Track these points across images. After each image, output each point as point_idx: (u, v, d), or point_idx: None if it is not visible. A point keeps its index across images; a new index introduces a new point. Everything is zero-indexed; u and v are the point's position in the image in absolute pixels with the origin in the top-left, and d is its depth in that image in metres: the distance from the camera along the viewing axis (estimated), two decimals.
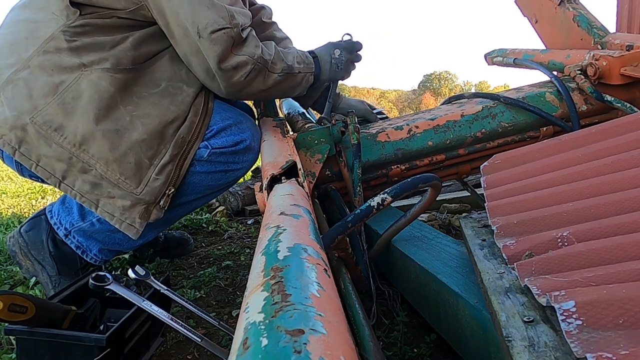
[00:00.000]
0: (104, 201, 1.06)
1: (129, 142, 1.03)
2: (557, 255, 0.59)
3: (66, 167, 1.03)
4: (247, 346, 0.26)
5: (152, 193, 1.05)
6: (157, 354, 1.01)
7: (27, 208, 2.58)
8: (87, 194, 1.05)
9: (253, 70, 1.10)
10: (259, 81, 1.13)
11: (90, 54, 1.04)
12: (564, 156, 0.86)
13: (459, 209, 1.83)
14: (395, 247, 1.06)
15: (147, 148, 1.05)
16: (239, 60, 1.07)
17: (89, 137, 1.02)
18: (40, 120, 1.01)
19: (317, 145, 1.20)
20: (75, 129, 1.01)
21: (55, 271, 1.18)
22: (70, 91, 1.02)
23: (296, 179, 0.79)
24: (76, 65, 1.03)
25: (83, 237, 1.17)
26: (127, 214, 1.06)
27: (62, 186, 1.05)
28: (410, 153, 1.32)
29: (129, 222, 1.06)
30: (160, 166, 1.06)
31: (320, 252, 0.42)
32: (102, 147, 1.02)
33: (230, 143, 1.14)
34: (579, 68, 1.42)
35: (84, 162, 1.03)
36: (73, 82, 1.02)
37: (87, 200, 1.06)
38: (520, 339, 0.49)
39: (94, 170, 1.03)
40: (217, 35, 1.03)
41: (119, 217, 1.06)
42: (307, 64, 1.25)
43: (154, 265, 1.53)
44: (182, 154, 1.09)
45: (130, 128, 1.04)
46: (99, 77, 1.03)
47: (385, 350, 0.96)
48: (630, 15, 3.82)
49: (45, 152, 1.02)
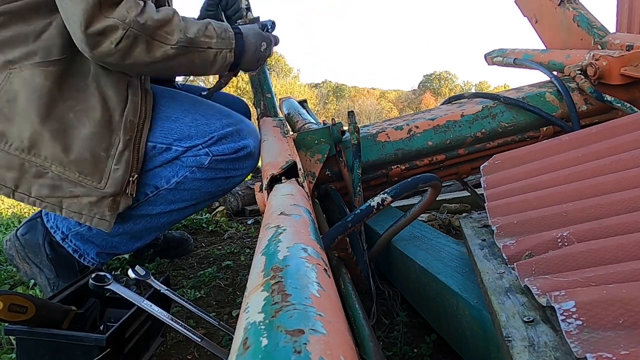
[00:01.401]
0: (68, 202, 1.02)
1: (80, 139, 0.99)
2: (557, 255, 0.59)
3: (18, 175, 0.99)
4: (247, 346, 0.26)
5: (116, 184, 1.02)
6: (157, 354, 1.01)
7: (27, 208, 2.58)
8: (47, 198, 1.01)
9: (126, 37, 0.93)
10: (140, 51, 0.96)
11: (14, 49, 0.98)
12: (564, 156, 0.86)
13: (459, 209, 1.83)
14: (395, 247, 1.06)
15: (99, 140, 1.01)
16: (107, 23, 0.91)
17: (37, 140, 0.97)
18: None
19: (317, 145, 1.20)
20: (20, 133, 0.97)
21: (54, 274, 1.17)
22: (3, 93, 0.97)
23: (296, 179, 0.79)
24: (1, 64, 0.97)
25: (80, 241, 1.16)
26: (96, 209, 1.03)
27: (17, 195, 1.01)
28: (410, 153, 1.32)
29: (99, 216, 1.03)
30: (117, 155, 1.02)
31: (320, 252, 0.42)
32: (54, 149, 0.98)
33: (231, 150, 1.12)
34: (579, 68, 1.42)
35: (37, 166, 0.98)
36: (3, 82, 0.97)
37: (48, 204, 1.02)
38: (520, 339, 0.49)
39: (50, 173, 0.99)
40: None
41: (88, 214, 1.03)
42: (223, 39, 1.06)
43: (154, 265, 1.53)
44: (135, 137, 1.04)
45: (77, 125, 0.99)
46: (32, 74, 0.97)
47: (385, 350, 0.96)
48: (630, 15, 3.82)
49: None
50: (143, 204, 1.13)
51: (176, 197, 1.14)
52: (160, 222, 1.18)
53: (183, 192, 1.13)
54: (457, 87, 54.82)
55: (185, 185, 1.12)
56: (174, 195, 1.13)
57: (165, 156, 1.09)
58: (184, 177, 1.11)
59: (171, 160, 1.10)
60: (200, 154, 1.10)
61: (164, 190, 1.12)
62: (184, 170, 1.11)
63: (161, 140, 1.08)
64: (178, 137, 1.09)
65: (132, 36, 0.94)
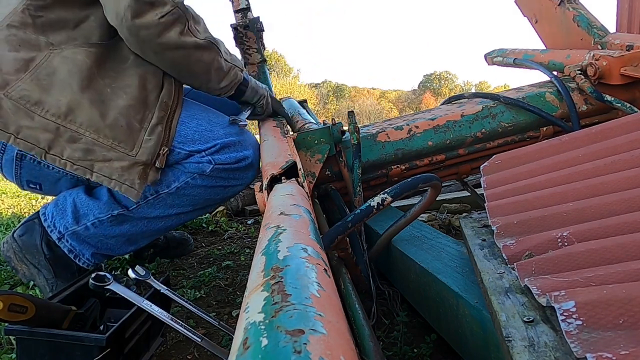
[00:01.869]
0: (100, 165, 1.03)
1: (117, 108, 1.03)
2: (557, 255, 0.59)
3: (52, 137, 1.00)
4: (247, 346, 0.26)
5: (147, 153, 1.04)
6: (157, 354, 1.01)
7: (27, 208, 2.58)
8: (79, 161, 1.02)
9: (171, 14, 1.00)
10: (175, 32, 1.02)
11: (56, 33, 1.03)
12: (564, 156, 0.86)
13: (459, 209, 1.83)
14: (395, 247, 1.06)
15: (134, 112, 1.04)
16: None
17: (74, 107, 1.00)
18: (16, 95, 0.98)
19: (317, 145, 1.20)
20: (57, 101, 0.99)
21: (52, 274, 1.17)
22: (43, 68, 1.00)
23: (296, 179, 0.79)
24: (44, 44, 1.02)
25: (76, 241, 1.16)
26: (126, 175, 1.03)
27: (49, 156, 1.01)
28: (410, 153, 1.32)
29: (129, 183, 1.03)
30: (151, 128, 1.05)
31: (320, 252, 0.42)
32: (92, 115, 1.01)
33: (232, 160, 1.14)
34: (579, 68, 1.42)
35: (72, 131, 1.00)
36: (44, 60, 1.01)
37: (79, 167, 1.02)
38: (520, 339, 0.49)
39: (83, 139, 1.01)
40: None
41: (118, 180, 1.03)
42: (236, 61, 1.19)
43: (154, 265, 1.53)
44: (168, 116, 1.09)
45: (114, 97, 1.04)
46: (73, 52, 1.02)
47: (385, 350, 0.96)
48: (630, 15, 3.82)
49: (27, 123, 0.99)
50: (142, 206, 1.14)
51: (175, 201, 1.15)
52: (156, 226, 1.19)
53: (182, 198, 1.15)
54: (457, 87, 54.83)
55: (185, 191, 1.13)
56: (173, 199, 1.14)
57: (169, 159, 1.10)
58: (184, 182, 1.12)
59: (173, 163, 1.11)
60: (203, 161, 1.11)
61: (164, 194, 1.13)
62: (185, 176, 1.12)
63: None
64: (181, 140, 1.10)
65: (176, 14, 1.01)
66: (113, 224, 1.15)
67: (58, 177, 1.15)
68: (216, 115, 1.19)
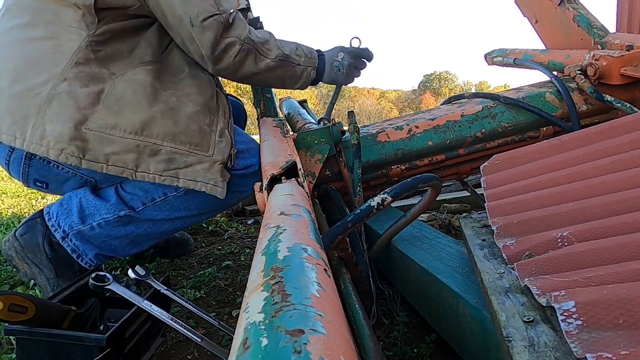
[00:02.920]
0: (184, 171, 1.09)
1: (186, 114, 1.10)
2: (557, 255, 0.59)
3: (136, 156, 1.07)
4: (247, 346, 0.26)
5: (222, 153, 1.11)
6: (157, 354, 1.01)
7: (27, 208, 2.58)
8: (165, 172, 1.09)
9: (241, 51, 1.14)
10: (249, 63, 1.17)
11: (115, 63, 1.11)
12: (564, 156, 0.86)
13: (459, 209, 1.83)
14: (395, 247, 1.06)
15: (203, 117, 1.13)
16: (228, 42, 1.13)
17: (148, 121, 1.07)
18: (95, 126, 1.05)
19: (317, 145, 1.20)
20: (131, 119, 1.06)
21: (53, 274, 1.17)
22: (112, 96, 1.08)
23: (296, 179, 0.79)
24: (107, 75, 1.10)
25: (80, 240, 1.17)
26: (209, 175, 1.10)
27: (139, 174, 1.08)
28: (410, 153, 1.32)
29: (213, 182, 1.10)
30: (219, 131, 1.13)
31: (320, 252, 0.42)
32: (165, 124, 1.08)
33: (242, 166, 1.17)
34: (579, 68, 1.42)
35: (151, 144, 1.07)
36: (110, 88, 1.09)
37: (167, 177, 1.09)
38: (520, 339, 0.49)
39: (163, 149, 1.08)
40: (208, 23, 1.09)
41: (203, 181, 1.10)
42: (309, 58, 1.27)
43: (154, 265, 1.53)
44: (229, 122, 1.17)
45: (181, 105, 1.11)
46: (133, 73, 1.10)
47: (385, 350, 0.96)
48: (630, 15, 3.82)
49: (112, 149, 1.05)
50: (149, 208, 1.16)
51: (182, 205, 1.17)
52: (161, 229, 1.20)
53: (189, 201, 1.17)
54: (457, 87, 54.85)
55: (193, 195, 1.15)
56: (180, 202, 1.16)
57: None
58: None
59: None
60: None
61: (172, 196, 1.15)
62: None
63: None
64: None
65: (245, 50, 1.15)
66: (119, 224, 1.16)
67: (66, 178, 1.16)
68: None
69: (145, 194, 1.15)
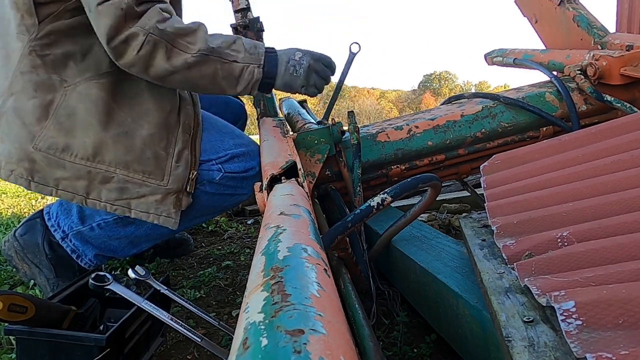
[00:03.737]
0: (136, 202, 1.07)
1: (141, 139, 1.04)
2: (557, 255, 0.59)
3: (87, 183, 1.04)
4: (247, 346, 0.26)
5: (178, 181, 1.07)
6: (157, 354, 1.01)
7: (27, 208, 2.58)
8: (117, 201, 1.06)
9: (146, 43, 0.96)
10: (160, 58, 0.98)
11: (68, 69, 1.02)
12: (564, 156, 0.86)
13: (459, 209, 1.83)
14: (395, 247, 1.06)
15: (158, 140, 1.06)
16: (129, 32, 0.95)
17: (100, 146, 1.02)
18: (44, 146, 1.00)
19: (317, 145, 1.20)
20: (83, 143, 1.01)
21: (53, 274, 1.17)
22: (62, 109, 1.01)
23: (296, 179, 0.79)
24: (57, 82, 1.01)
25: (80, 241, 1.17)
26: (162, 207, 1.07)
27: (89, 202, 1.06)
28: (410, 153, 1.32)
29: (166, 214, 1.08)
30: (177, 153, 1.08)
31: (320, 252, 0.42)
32: (117, 152, 1.03)
33: (241, 169, 1.16)
34: (578, 68, 1.42)
35: (103, 171, 1.03)
36: (61, 99, 1.01)
37: (119, 207, 1.07)
38: (520, 339, 0.49)
39: (115, 177, 1.04)
40: (103, 8, 0.94)
41: (155, 213, 1.08)
42: (251, 54, 1.06)
43: (154, 265, 1.53)
44: (192, 137, 1.11)
45: (137, 127, 1.05)
46: (87, 87, 1.02)
47: (385, 350, 0.96)
48: (630, 15, 3.81)
49: (62, 174, 1.02)
50: None
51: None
52: (160, 231, 1.19)
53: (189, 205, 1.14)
54: (457, 87, 54.86)
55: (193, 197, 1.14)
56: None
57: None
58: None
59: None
60: (213, 169, 1.13)
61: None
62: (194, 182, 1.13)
63: None
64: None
65: (151, 42, 0.97)
66: (119, 225, 1.15)
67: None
68: (225, 126, 1.22)
69: None
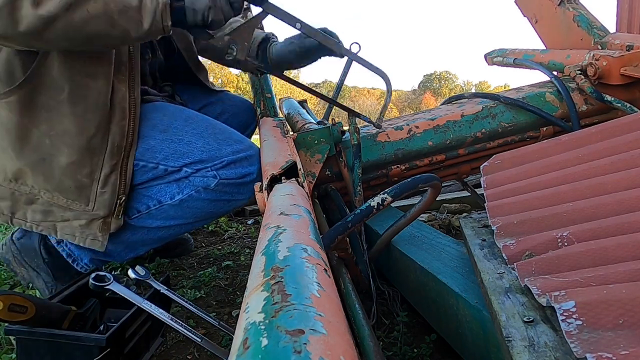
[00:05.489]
0: (61, 225, 1.05)
1: (60, 169, 0.99)
2: (557, 255, 0.59)
3: (11, 203, 1.02)
4: (247, 346, 0.26)
5: (103, 207, 1.04)
6: (157, 354, 1.01)
7: None
8: (42, 223, 1.05)
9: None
10: (25, 9, 0.80)
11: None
12: (564, 156, 0.86)
13: (459, 209, 1.83)
14: (395, 247, 1.06)
15: (80, 168, 1.00)
16: None
17: (19, 173, 1.00)
18: None
19: (317, 145, 1.20)
20: (4, 166, 0.99)
21: (51, 277, 1.17)
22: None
23: (296, 179, 0.79)
24: None
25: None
26: (88, 231, 1.06)
27: (15, 221, 1.04)
28: (410, 153, 1.32)
29: (92, 237, 1.06)
30: (103, 179, 1.02)
31: (320, 252, 0.42)
32: (37, 179, 1.00)
33: (238, 175, 1.13)
34: (579, 68, 1.42)
35: (27, 193, 1.01)
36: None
37: (44, 228, 1.05)
38: (520, 339, 0.49)
39: (40, 199, 1.02)
40: None
41: (80, 236, 1.06)
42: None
43: (154, 265, 1.53)
44: (121, 160, 1.03)
45: (55, 152, 0.98)
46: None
47: (385, 350, 0.96)
48: (630, 15, 3.82)
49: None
50: (144, 216, 1.13)
51: (177, 213, 1.14)
52: (156, 236, 1.18)
53: (185, 210, 1.14)
54: (457, 87, 54.87)
55: (189, 204, 1.13)
56: (175, 211, 1.13)
57: (175, 176, 1.11)
58: (188, 195, 1.12)
59: (179, 179, 1.11)
60: (208, 175, 1.11)
61: (167, 205, 1.13)
62: (189, 189, 1.11)
63: (172, 163, 1.09)
64: (190, 161, 1.10)
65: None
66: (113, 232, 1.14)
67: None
68: (223, 131, 1.17)
69: (139, 203, 1.12)
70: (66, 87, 0.96)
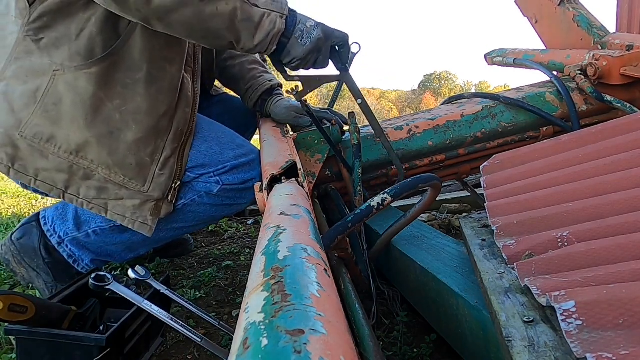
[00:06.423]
0: (113, 204, 1.05)
1: (126, 144, 1.01)
2: (557, 255, 0.59)
3: (68, 177, 1.01)
4: (247, 346, 0.26)
5: (159, 189, 1.04)
6: (157, 354, 1.01)
7: (27, 208, 2.58)
8: (94, 200, 1.04)
9: None
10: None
11: (59, 50, 0.96)
12: (564, 156, 0.86)
13: (459, 209, 1.83)
14: (395, 247, 1.06)
15: (145, 146, 1.02)
16: None
17: (84, 144, 0.99)
18: (30, 133, 0.98)
19: (317, 145, 1.20)
20: (68, 137, 0.99)
21: (51, 278, 1.17)
22: (49, 96, 0.97)
23: (296, 179, 0.79)
24: (47, 66, 0.96)
25: (76, 247, 1.16)
26: (139, 213, 1.05)
27: (67, 196, 1.04)
28: (410, 153, 1.32)
29: (141, 220, 1.06)
30: (163, 161, 1.04)
31: (320, 252, 0.42)
32: (100, 153, 1.00)
33: (240, 181, 1.13)
34: (579, 68, 1.42)
35: (85, 168, 1.01)
36: (49, 85, 0.97)
37: (95, 206, 1.05)
38: (520, 339, 0.49)
39: (97, 175, 1.02)
40: None
41: (131, 218, 1.06)
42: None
43: (154, 265, 1.53)
44: (181, 145, 1.07)
45: (123, 128, 1.00)
46: (75, 78, 0.97)
47: (385, 350, 0.96)
48: (630, 15, 3.82)
49: (43, 165, 1.00)
50: None
51: (179, 217, 1.14)
52: (157, 237, 1.18)
53: (187, 214, 1.14)
54: (457, 87, 54.90)
55: (191, 208, 1.13)
56: (177, 215, 1.13)
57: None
58: (191, 200, 1.12)
59: (182, 184, 1.11)
60: (211, 181, 1.11)
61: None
62: (192, 194, 1.12)
63: None
64: (192, 165, 1.10)
65: None
66: (114, 232, 1.14)
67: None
68: (226, 135, 1.17)
69: None
70: (144, 67, 1.00)
